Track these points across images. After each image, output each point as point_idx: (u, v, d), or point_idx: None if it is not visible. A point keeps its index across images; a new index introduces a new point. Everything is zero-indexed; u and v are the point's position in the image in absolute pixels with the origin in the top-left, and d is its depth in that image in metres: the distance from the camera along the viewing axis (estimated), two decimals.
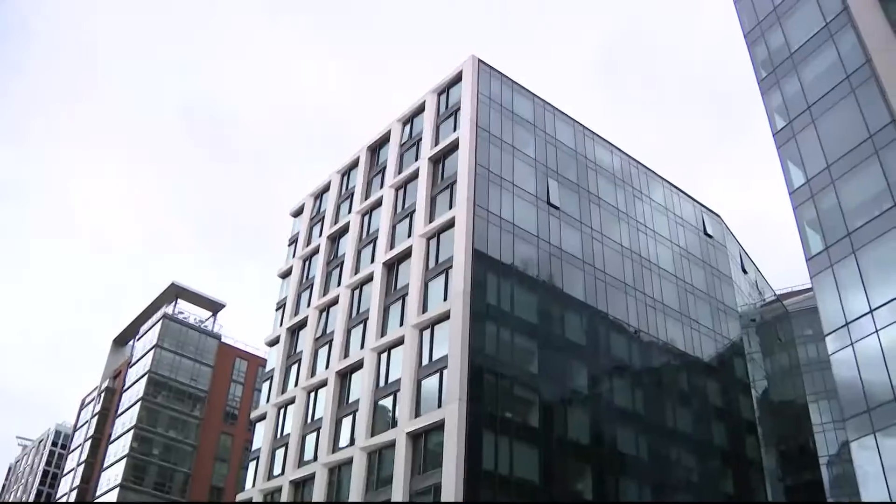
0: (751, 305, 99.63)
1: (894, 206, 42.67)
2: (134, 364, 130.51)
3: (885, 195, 43.67)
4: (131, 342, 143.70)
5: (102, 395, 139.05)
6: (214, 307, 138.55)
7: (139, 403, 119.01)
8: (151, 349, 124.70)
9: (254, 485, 79.12)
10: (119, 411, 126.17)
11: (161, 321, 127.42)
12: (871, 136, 45.35)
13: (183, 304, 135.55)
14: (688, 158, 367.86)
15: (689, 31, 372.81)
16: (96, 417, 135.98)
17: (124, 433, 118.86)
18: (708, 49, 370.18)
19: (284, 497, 73.07)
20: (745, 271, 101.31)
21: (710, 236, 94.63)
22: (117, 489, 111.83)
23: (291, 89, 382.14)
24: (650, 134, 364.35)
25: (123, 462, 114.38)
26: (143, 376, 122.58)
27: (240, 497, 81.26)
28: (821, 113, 49.93)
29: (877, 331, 41.97)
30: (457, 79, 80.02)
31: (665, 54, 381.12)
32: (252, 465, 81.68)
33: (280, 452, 77.74)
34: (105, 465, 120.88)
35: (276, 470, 77.09)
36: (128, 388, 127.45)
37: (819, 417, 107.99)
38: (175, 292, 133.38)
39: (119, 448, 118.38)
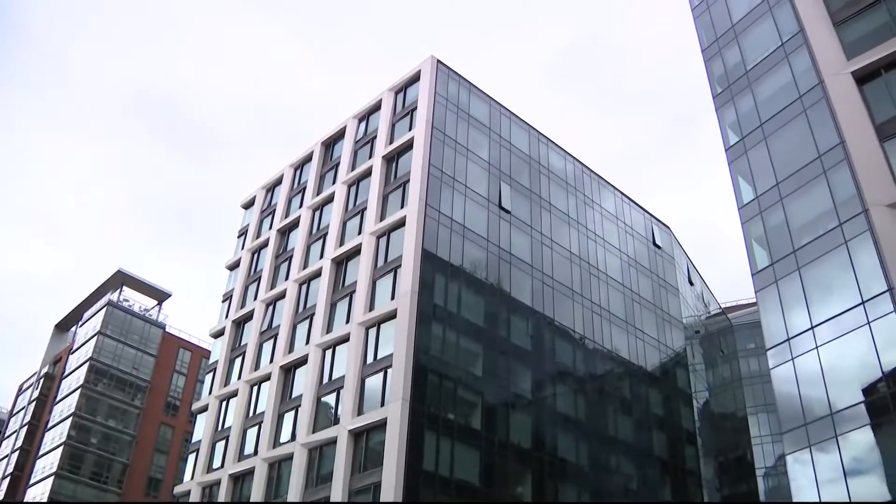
0: (696, 317, 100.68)
1: (839, 226, 43.40)
2: (75, 350, 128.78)
3: (830, 215, 44.41)
4: (74, 328, 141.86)
5: (41, 380, 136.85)
6: (160, 296, 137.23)
7: (79, 391, 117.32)
8: (94, 336, 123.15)
9: (192, 477, 78.37)
10: (58, 398, 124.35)
11: (105, 308, 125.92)
12: (820, 156, 46.14)
13: (128, 292, 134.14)
14: (639, 167, 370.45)
15: (647, 40, 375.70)
16: (34, 404, 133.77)
17: (62, 420, 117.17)
18: (665, 59, 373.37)
19: (223, 490, 72.50)
20: (691, 283, 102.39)
21: (658, 247, 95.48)
22: (52, 477, 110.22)
23: (248, 81, 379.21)
24: (604, 140, 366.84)
25: (60, 450, 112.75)
26: (84, 363, 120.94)
27: (178, 489, 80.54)
28: (773, 131, 50.65)
29: (817, 347, 42.65)
30: (415, 78, 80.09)
31: (622, 62, 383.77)
32: (192, 458, 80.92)
33: (220, 445, 77.11)
34: (41, 452, 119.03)
35: (216, 463, 76.46)
36: (68, 374, 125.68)
37: (758, 430, 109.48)
38: (121, 279, 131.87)
39: (56, 436, 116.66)
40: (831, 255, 43.57)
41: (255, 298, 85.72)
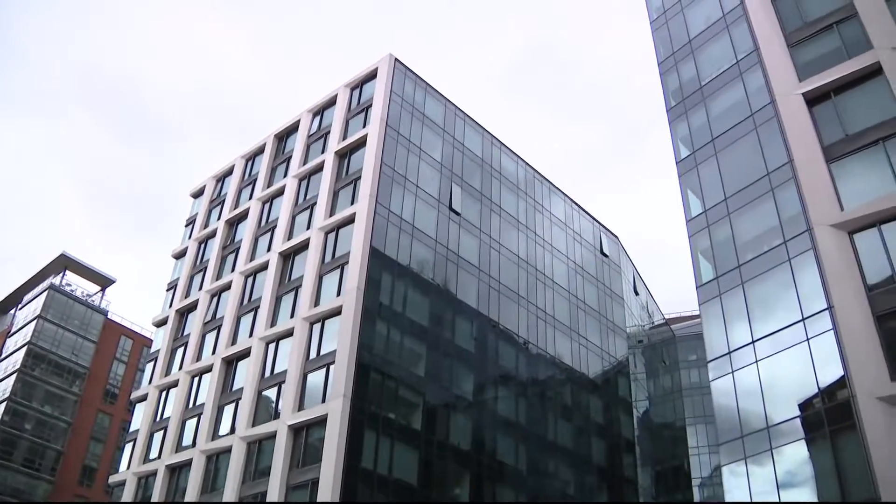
0: (639, 327, 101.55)
1: (783, 244, 44.10)
2: (13, 333, 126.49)
3: (775, 232, 45.13)
4: (13, 311, 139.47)
5: None
6: (104, 282, 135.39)
7: (15, 375, 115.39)
8: (34, 320, 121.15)
9: (128, 467, 77.50)
10: None
11: (46, 291, 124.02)
12: (769, 173, 46.88)
13: (71, 276, 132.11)
14: (589, 175, 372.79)
15: (601, 50, 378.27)
16: None
17: None
18: (619, 69, 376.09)
19: (159, 481, 71.75)
20: (636, 293, 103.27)
21: (605, 255, 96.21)
22: None
23: (203, 71, 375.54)
24: (555, 146, 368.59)
25: None
26: (21, 347, 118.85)
27: (113, 479, 79.62)
28: (723, 146, 51.32)
29: (756, 361, 43.33)
30: (371, 75, 79.98)
31: (575, 70, 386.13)
32: (128, 447, 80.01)
33: (158, 436, 76.36)
34: None
35: (153, 453, 75.68)
36: (4, 357, 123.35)
37: (695, 440, 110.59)
38: (64, 263, 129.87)
39: None
40: (775, 271, 44.29)
41: (201, 289, 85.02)
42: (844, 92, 45.63)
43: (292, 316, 68.88)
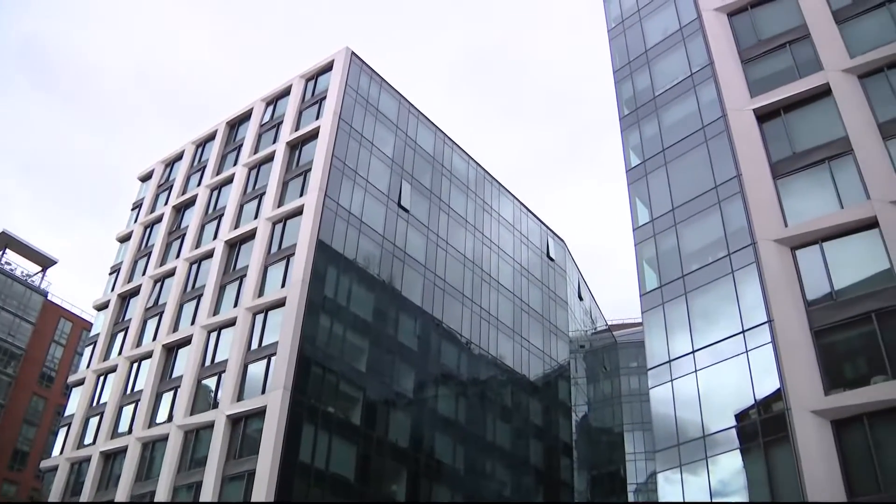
0: (582, 332, 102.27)
1: (727, 256, 44.70)
2: None
3: (720, 244, 45.72)
4: None
5: None
6: (45, 262, 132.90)
7: None
8: None
9: (62, 452, 76.34)
10: None
11: None
12: (717, 186, 47.48)
13: (11, 255, 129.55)
14: (538, 178, 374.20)
15: (557, 55, 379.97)
16: None
17: None
18: (572, 77, 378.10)
19: (92, 467, 70.82)
20: (580, 298, 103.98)
21: (551, 259, 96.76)
22: None
23: (158, 51, 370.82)
24: (506, 148, 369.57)
25: None
26: None
27: (44, 464, 78.41)
28: (674, 157, 51.88)
29: (695, 371, 43.84)
30: (327, 67, 79.69)
31: (529, 74, 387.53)
32: (63, 432, 78.82)
33: (94, 421, 75.38)
34: None
35: (88, 439, 74.68)
36: None
37: (633, 447, 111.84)
38: (4, 241, 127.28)
39: None
40: (718, 283, 44.88)
41: (144, 274, 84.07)
42: (794, 110, 46.44)
43: (236, 305, 68.44)
